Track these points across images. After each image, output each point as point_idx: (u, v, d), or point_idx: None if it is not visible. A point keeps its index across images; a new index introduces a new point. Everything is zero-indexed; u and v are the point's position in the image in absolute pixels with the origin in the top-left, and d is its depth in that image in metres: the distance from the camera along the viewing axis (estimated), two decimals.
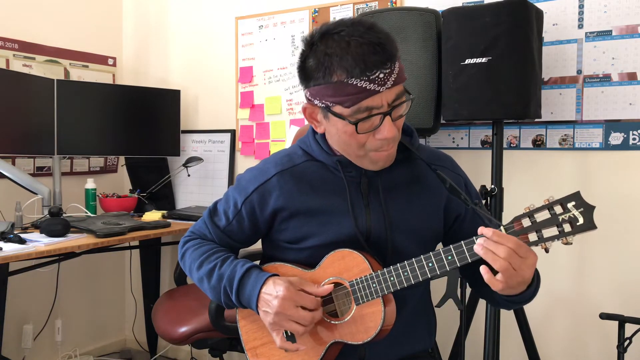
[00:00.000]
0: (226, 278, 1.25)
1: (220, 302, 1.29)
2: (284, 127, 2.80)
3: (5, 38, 2.70)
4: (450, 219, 1.33)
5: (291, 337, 1.21)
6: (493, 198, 1.95)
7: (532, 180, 2.21)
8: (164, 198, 3.06)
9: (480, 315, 2.08)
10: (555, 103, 2.15)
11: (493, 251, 1.05)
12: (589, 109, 2.09)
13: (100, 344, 3.22)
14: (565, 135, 2.14)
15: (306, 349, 1.24)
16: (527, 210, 1.08)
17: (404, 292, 1.21)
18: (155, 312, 2.29)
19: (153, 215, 2.69)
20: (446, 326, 2.23)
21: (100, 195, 2.84)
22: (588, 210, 1.04)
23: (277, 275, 1.23)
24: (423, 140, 2.36)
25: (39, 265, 2.41)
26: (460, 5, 2.25)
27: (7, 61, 2.70)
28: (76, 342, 3.07)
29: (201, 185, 3.05)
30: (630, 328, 1.77)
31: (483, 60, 1.83)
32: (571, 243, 1.05)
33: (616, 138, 2.05)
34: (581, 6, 2.10)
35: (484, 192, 1.95)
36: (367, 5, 2.53)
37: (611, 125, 2.06)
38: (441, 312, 1.45)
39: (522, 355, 2.05)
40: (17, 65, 2.74)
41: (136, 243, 2.96)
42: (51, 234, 2.20)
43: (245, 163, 2.93)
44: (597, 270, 2.11)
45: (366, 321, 1.19)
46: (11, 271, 2.21)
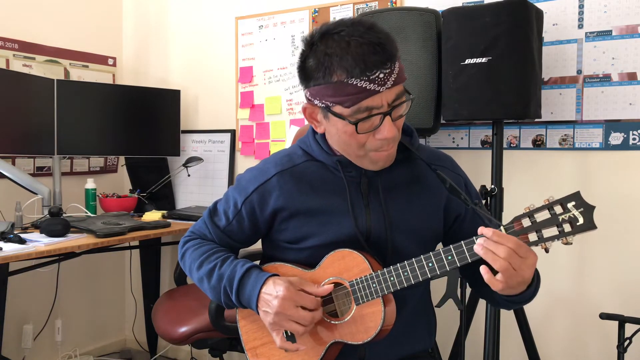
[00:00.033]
0: (226, 278, 1.25)
1: (220, 302, 1.29)
2: (284, 127, 2.80)
3: (5, 38, 2.70)
4: (450, 219, 1.33)
5: (291, 337, 1.21)
6: (493, 198, 1.95)
7: (532, 180, 2.21)
8: (164, 198, 3.06)
9: (480, 315, 2.08)
10: (555, 103, 2.15)
11: (493, 251, 1.05)
12: (589, 109, 2.09)
13: (100, 344, 3.22)
14: (565, 135, 2.14)
15: (306, 349, 1.24)
16: (527, 210, 1.08)
17: (404, 292, 1.21)
18: (155, 312, 2.29)
19: (153, 215, 2.69)
20: (446, 326, 2.23)
21: (100, 195, 2.84)
22: (588, 210, 1.04)
23: (277, 275, 1.23)
24: (423, 140, 2.36)
25: (39, 265, 2.41)
26: (460, 5, 2.25)
27: (7, 61, 2.70)
28: (76, 342, 3.07)
29: (201, 185, 3.05)
30: (630, 328, 1.77)
31: (483, 60, 1.83)
32: (571, 243, 1.05)
33: (616, 138, 2.05)
34: (581, 6, 2.10)
35: (484, 192, 1.95)
36: (367, 5, 2.53)
37: (611, 125, 2.06)
38: (441, 312, 1.45)
39: (522, 355, 2.05)
40: (17, 65, 2.74)
41: (136, 243, 2.96)
42: (51, 234, 2.20)
43: (245, 163, 2.93)
44: (597, 270, 2.11)
45: (366, 321, 1.19)
46: (11, 271, 2.21)
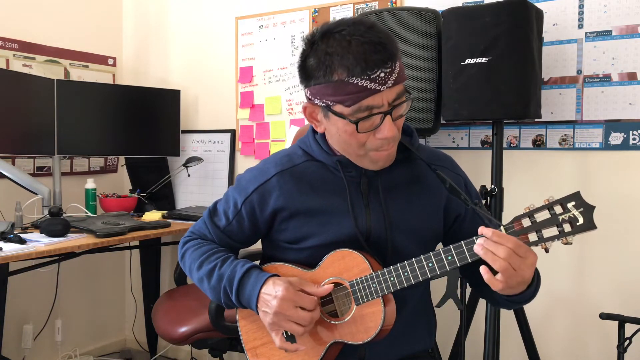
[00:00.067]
0: (226, 278, 1.25)
1: (220, 303, 1.29)
2: (284, 127, 2.80)
3: (5, 38, 2.70)
4: (450, 219, 1.33)
5: (291, 338, 1.21)
6: (493, 198, 1.95)
7: (532, 180, 2.21)
8: (164, 198, 3.06)
9: (480, 315, 2.08)
10: (555, 103, 2.15)
11: (493, 251, 1.05)
12: (589, 109, 2.09)
13: (100, 344, 3.22)
14: (565, 135, 2.14)
15: (306, 349, 1.24)
16: (527, 210, 1.08)
17: (404, 292, 1.21)
18: (155, 312, 2.29)
19: (153, 215, 2.69)
20: (446, 326, 2.23)
21: (100, 195, 2.84)
22: (588, 210, 1.04)
23: (277, 275, 1.23)
24: (423, 140, 2.36)
25: (39, 265, 2.41)
26: (460, 5, 2.25)
27: (7, 61, 2.70)
28: (76, 342, 3.07)
29: (201, 185, 3.05)
30: (630, 328, 1.77)
31: (483, 60, 1.83)
32: (571, 243, 1.05)
33: (616, 138, 2.05)
34: (581, 6, 2.10)
35: (484, 192, 1.94)
36: (367, 5, 2.53)
37: (611, 125, 2.06)
38: (441, 312, 1.45)
39: (522, 355, 2.05)
40: (17, 65, 2.74)
41: (136, 243, 2.96)
42: (51, 234, 2.20)
43: (245, 163, 2.93)
44: (597, 270, 2.11)
45: (366, 321, 1.19)
46: (11, 271, 2.21)
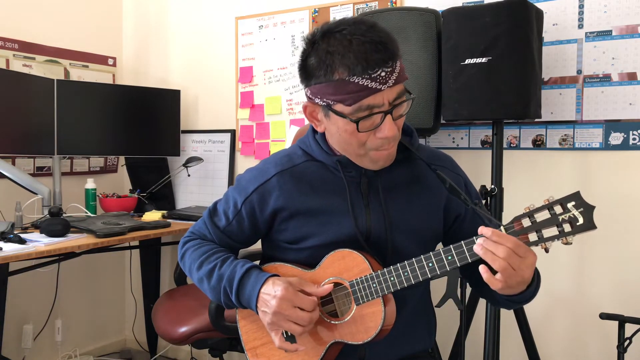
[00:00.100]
0: (226, 278, 1.25)
1: (220, 303, 1.29)
2: (284, 127, 2.80)
3: (5, 38, 2.70)
4: (450, 219, 1.33)
5: (290, 338, 1.21)
6: (493, 198, 1.95)
7: (532, 180, 2.21)
8: (164, 198, 3.06)
9: (480, 315, 2.08)
10: (555, 103, 2.15)
11: (492, 251, 1.05)
12: (589, 109, 2.09)
13: (100, 344, 3.22)
14: (565, 135, 2.14)
15: (306, 349, 1.24)
16: (527, 210, 1.08)
17: (404, 292, 1.21)
18: (155, 312, 2.29)
19: (153, 215, 2.69)
20: (446, 326, 2.23)
21: (100, 195, 2.84)
22: (588, 210, 1.04)
23: (277, 275, 1.23)
24: (423, 140, 2.36)
25: (39, 265, 2.41)
26: (460, 5, 2.25)
27: (7, 61, 2.70)
28: (76, 342, 3.07)
29: (201, 185, 3.05)
30: (630, 328, 1.77)
31: (483, 60, 1.83)
32: (571, 243, 1.05)
33: (616, 138, 2.05)
34: (581, 6, 2.10)
35: (484, 192, 1.94)
36: (367, 5, 2.53)
37: (611, 125, 2.06)
38: (441, 312, 1.45)
39: (522, 355, 2.05)
40: (17, 65, 2.74)
41: (136, 243, 2.96)
42: (51, 234, 2.20)
43: (245, 163, 2.93)
44: (597, 270, 2.11)
45: (366, 321, 1.19)
46: (11, 271, 2.21)
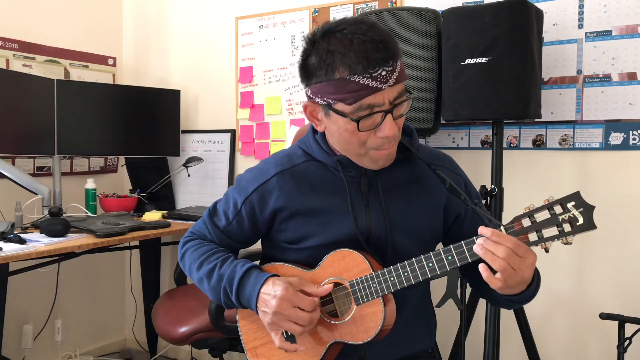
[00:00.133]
0: (226, 278, 1.25)
1: (220, 303, 1.29)
2: (284, 127, 2.80)
3: (5, 38, 2.70)
4: (450, 219, 1.33)
5: (290, 338, 1.21)
6: (493, 198, 1.95)
7: (532, 180, 2.21)
8: (164, 198, 3.06)
9: (480, 315, 2.08)
10: (555, 103, 2.15)
11: (492, 251, 1.05)
12: (589, 109, 2.09)
13: (100, 344, 3.22)
14: (565, 135, 2.14)
15: (306, 349, 1.24)
16: (527, 210, 1.08)
17: (404, 292, 1.21)
18: (155, 312, 2.29)
19: (153, 215, 2.69)
20: (446, 326, 2.23)
21: (100, 195, 2.84)
22: (588, 210, 1.04)
23: (277, 275, 1.23)
24: (423, 140, 2.36)
25: (39, 265, 2.41)
26: (460, 5, 2.25)
27: (7, 61, 2.70)
28: (76, 342, 3.07)
29: (201, 185, 3.05)
30: (630, 328, 1.77)
31: (483, 60, 1.83)
32: (571, 243, 1.05)
33: (616, 138, 2.05)
34: (581, 6, 2.10)
35: (484, 192, 1.94)
36: (367, 5, 2.53)
37: (611, 125, 2.06)
38: (441, 312, 1.45)
39: (522, 355, 2.05)
40: (17, 65, 2.74)
41: (136, 243, 2.96)
42: (51, 234, 2.20)
43: (245, 163, 2.93)
44: (597, 270, 2.11)
45: (366, 321, 1.19)
46: (11, 271, 2.21)
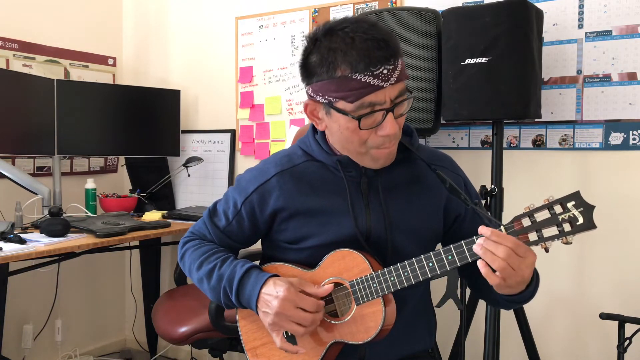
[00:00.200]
0: (226, 278, 1.25)
1: (220, 303, 1.29)
2: (284, 127, 2.80)
3: (5, 38, 2.70)
4: (450, 219, 1.33)
5: (290, 338, 1.20)
6: (493, 198, 1.95)
7: (532, 180, 2.21)
8: (164, 198, 3.06)
9: (480, 315, 2.08)
10: (555, 103, 2.15)
11: (492, 251, 1.05)
12: (589, 109, 2.09)
13: (100, 344, 3.22)
14: (565, 135, 2.14)
15: (306, 349, 1.24)
16: (527, 210, 1.08)
17: (404, 292, 1.21)
18: (155, 312, 2.29)
19: (153, 215, 2.69)
20: (446, 326, 2.23)
21: (100, 195, 2.84)
22: (588, 209, 1.04)
23: (278, 275, 1.23)
24: (423, 140, 2.36)
25: (39, 265, 2.41)
26: (460, 5, 2.25)
27: (7, 61, 2.70)
28: (76, 342, 3.07)
29: (201, 185, 3.05)
30: (630, 328, 1.77)
31: (483, 60, 1.83)
32: (571, 243, 1.05)
33: (616, 138, 2.05)
34: (581, 6, 2.10)
35: (484, 192, 1.94)
36: (367, 5, 2.53)
37: (611, 125, 2.06)
38: (441, 312, 1.45)
39: (522, 355, 2.05)
40: (17, 65, 2.74)
41: (136, 243, 2.96)
42: (51, 234, 2.20)
43: (245, 163, 2.93)
44: (597, 270, 2.11)
45: (366, 321, 1.19)
46: (11, 271, 2.21)
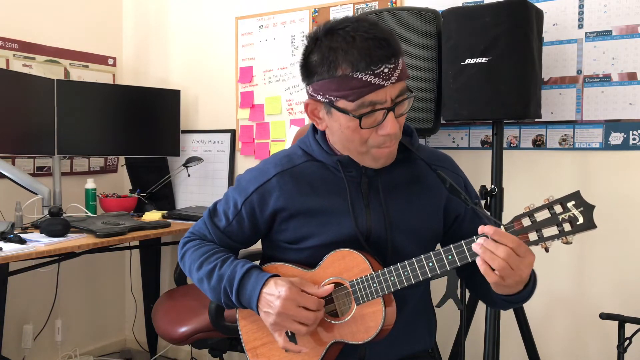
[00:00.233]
0: (226, 279, 1.25)
1: (220, 303, 1.29)
2: (284, 127, 2.80)
3: (5, 38, 2.70)
4: (449, 219, 1.33)
5: (291, 338, 1.21)
6: (493, 198, 1.95)
7: (532, 180, 2.21)
8: (164, 198, 3.06)
9: (480, 315, 2.08)
10: (555, 103, 2.15)
11: (492, 251, 1.05)
12: (589, 109, 2.09)
13: (100, 344, 3.22)
14: (565, 135, 2.14)
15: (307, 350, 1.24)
16: (527, 209, 1.08)
17: (404, 292, 1.21)
18: (155, 312, 2.29)
19: (153, 215, 2.69)
20: (446, 326, 2.23)
21: (100, 195, 2.84)
22: (588, 209, 1.04)
23: (278, 275, 1.23)
24: (423, 140, 2.36)
25: (39, 265, 2.41)
26: (460, 5, 2.25)
27: (7, 61, 2.70)
28: (76, 342, 3.07)
29: (201, 185, 3.05)
30: (630, 328, 1.77)
31: (483, 60, 1.83)
32: (571, 242, 1.05)
33: (616, 138, 2.05)
34: (581, 6, 2.10)
35: (484, 192, 1.94)
36: (367, 5, 2.53)
37: (611, 125, 2.06)
38: (441, 312, 1.45)
39: (522, 355, 2.05)
40: (17, 65, 2.74)
41: (136, 243, 2.96)
42: (51, 234, 2.20)
43: (245, 163, 2.93)
44: (597, 270, 2.11)
45: (367, 321, 1.19)
46: (11, 271, 2.21)
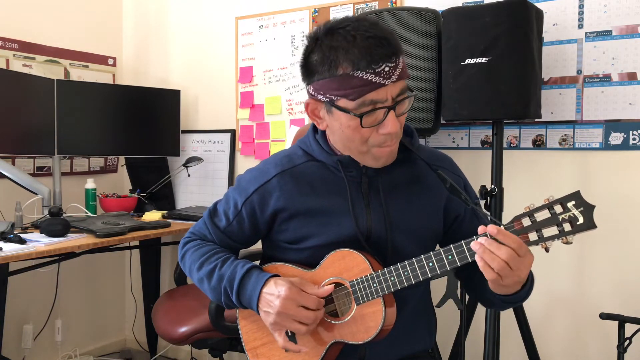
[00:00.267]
0: (226, 279, 1.25)
1: (220, 303, 1.29)
2: (284, 127, 2.80)
3: (5, 38, 2.70)
4: (449, 219, 1.33)
5: (292, 338, 1.21)
6: (493, 198, 1.95)
7: (532, 180, 2.21)
8: (164, 198, 3.06)
9: (480, 315, 2.08)
10: (555, 103, 2.15)
11: (492, 250, 1.05)
12: (589, 109, 2.09)
13: (100, 344, 3.22)
14: (565, 135, 2.14)
15: (307, 349, 1.24)
16: (527, 209, 1.08)
17: (404, 292, 1.21)
18: (155, 312, 2.29)
19: (153, 215, 2.69)
20: (446, 326, 2.23)
21: (100, 195, 2.84)
22: (588, 209, 1.04)
23: (278, 275, 1.23)
24: (423, 140, 2.36)
25: (39, 265, 2.41)
26: (460, 5, 2.25)
27: (7, 61, 2.70)
28: (76, 342, 3.07)
29: (201, 185, 3.05)
30: (630, 328, 1.77)
31: (483, 60, 1.83)
32: (571, 242, 1.05)
33: (616, 138, 2.05)
34: (581, 6, 2.10)
35: (484, 192, 1.94)
36: (367, 5, 2.53)
37: (611, 125, 2.06)
38: (441, 312, 1.45)
39: (522, 355, 2.05)
40: (17, 65, 2.74)
41: (136, 243, 2.96)
42: (51, 234, 2.20)
43: (245, 163, 2.93)
44: (597, 270, 2.11)
45: (367, 321, 1.19)
46: (11, 271, 2.21)
